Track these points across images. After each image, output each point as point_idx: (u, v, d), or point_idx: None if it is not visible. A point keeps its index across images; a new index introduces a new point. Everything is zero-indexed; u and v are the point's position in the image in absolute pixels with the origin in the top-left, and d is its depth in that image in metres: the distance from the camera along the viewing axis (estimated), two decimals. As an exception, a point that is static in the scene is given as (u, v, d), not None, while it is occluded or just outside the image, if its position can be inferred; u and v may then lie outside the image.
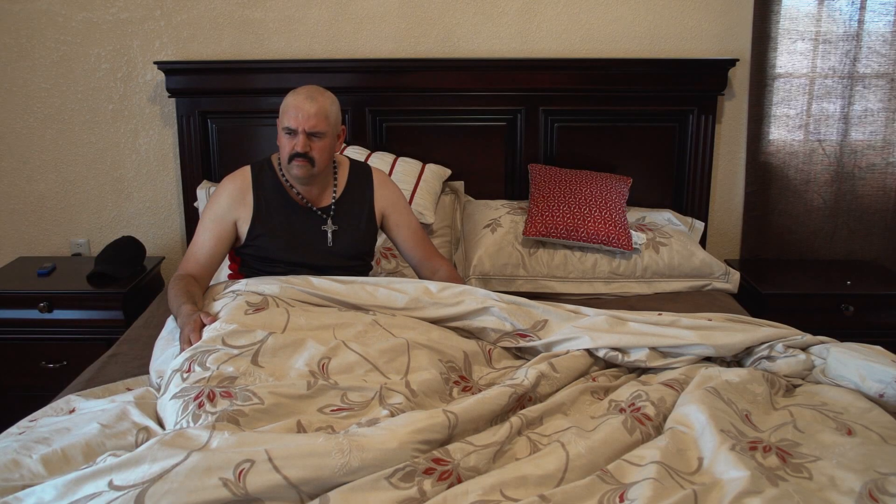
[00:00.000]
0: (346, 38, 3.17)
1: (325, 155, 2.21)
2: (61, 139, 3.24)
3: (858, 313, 2.87)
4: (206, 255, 2.27)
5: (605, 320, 2.10)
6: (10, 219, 3.32)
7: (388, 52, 3.18)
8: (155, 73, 3.15)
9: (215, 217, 2.28)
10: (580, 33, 3.18)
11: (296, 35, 3.16)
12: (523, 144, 3.18)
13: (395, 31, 3.16)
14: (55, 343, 2.85)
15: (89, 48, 3.15)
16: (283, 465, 1.41)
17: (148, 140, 3.25)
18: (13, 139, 3.23)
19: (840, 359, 1.92)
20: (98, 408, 1.80)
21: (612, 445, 1.60)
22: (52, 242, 3.34)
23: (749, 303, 2.86)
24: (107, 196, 3.30)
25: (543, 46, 3.19)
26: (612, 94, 3.15)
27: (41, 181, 3.28)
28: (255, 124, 3.15)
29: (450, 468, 1.48)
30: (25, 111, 3.21)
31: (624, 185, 2.98)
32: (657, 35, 3.18)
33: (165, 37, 3.15)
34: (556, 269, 2.78)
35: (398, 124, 3.17)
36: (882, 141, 3.19)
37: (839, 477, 1.48)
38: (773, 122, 3.19)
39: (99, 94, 3.20)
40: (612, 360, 2.03)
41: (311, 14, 3.14)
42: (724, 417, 1.66)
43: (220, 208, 2.28)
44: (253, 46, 3.17)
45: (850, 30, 3.08)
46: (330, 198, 2.35)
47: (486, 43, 3.18)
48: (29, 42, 3.14)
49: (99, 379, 2.09)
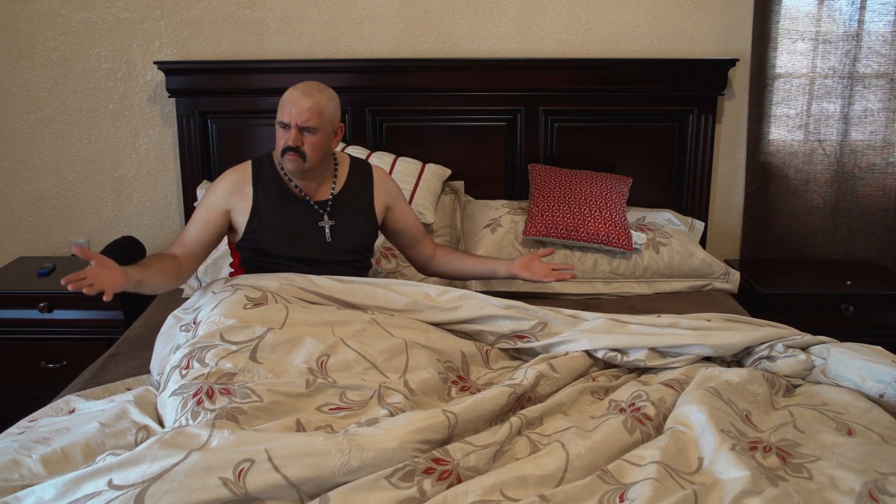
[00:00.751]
0: (346, 38, 3.17)
1: (317, 151, 2.21)
2: (61, 139, 3.24)
3: (858, 313, 2.87)
4: (191, 238, 2.26)
5: (604, 323, 2.10)
6: (10, 219, 3.32)
7: (388, 52, 3.18)
8: (155, 73, 3.15)
9: (208, 204, 2.29)
10: (580, 33, 3.18)
11: (296, 35, 3.16)
12: (523, 144, 3.18)
13: (395, 31, 3.16)
14: (55, 343, 2.85)
15: (89, 48, 3.15)
16: (282, 464, 1.41)
17: (148, 140, 3.25)
18: (13, 139, 3.23)
19: (840, 359, 1.92)
20: (98, 408, 1.80)
21: (613, 445, 1.60)
22: (52, 242, 3.34)
23: (749, 303, 2.85)
24: (107, 196, 3.30)
25: (543, 46, 3.19)
26: (612, 93, 3.15)
27: (41, 181, 3.28)
28: (255, 124, 3.15)
29: (450, 468, 1.48)
30: (25, 111, 3.21)
31: (624, 185, 2.98)
32: (657, 35, 3.18)
33: (165, 37, 3.15)
34: (556, 269, 2.78)
35: (398, 124, 3.17)
36: (882, 141, 3.19)
37: (839, 477, 1.48)
38: (773, 122, 3.19)
39: (99, 94, 3.20)
40: (612, 360, 2.03)
41: (311, 14, 3.14)
42: (724, 417, 1.66)
43: (215, 196, 2.29)
44: (253, 46, 3.17)
45: (850, 30, 3.08)
46: (328, 193, 2.35)
47: (486, 43, 3.18)
48: (29, 42, 3.14)
49: (99, 379, 2.09)
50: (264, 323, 1.95)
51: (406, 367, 1.91)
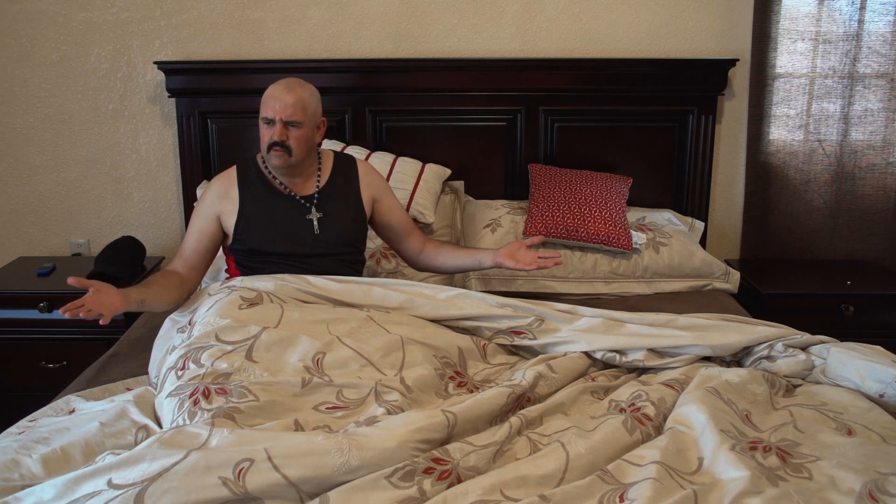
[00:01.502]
0: (345, 38, 3.17)
1: (302, 145, 2.24)
2: (61, 139, 3.24)
3: (858, 313, 2.87)
4: (189, 251, 2.30)
5: (602, 323, 2.10)
6: (10, 219, 3.32)
7: (388, 53, 3.18)
8: (155, 73, 3.15)
9: (199, 213, 2.33)
10: (580, 33, 3.17)
11: (295, 35, 3.16)
12: (523, 144, 3.17)
13: (394, 31, 3.16)
14: (55, 343, 2.85)
15: (89, 48, 3.15)
16: (282, 463, 1.41)
17: (148, 140, 3.25)
18: (13, 139, 3.23)
19: (840, 359, 1.92)
20: (98, 408, 1.80)
21: (613, 445, 1.60)
22: (52, 242, 3.34)
23: (749, 303, 2.85)
24: (107, 196, 3.30)
25: (543, 46, 3.19)
26: (613, 94, 3.15)
27: (41, 181, 3.28)
28: (255, 124, 3.10)
29: (449, 468, 1.48)
30: (26, 111, 3.21)
31: (624, 185, 2.98)
32: (657, 35, 3.18)
33: (165, 37, 3.15)
34: (556, 269, 2.78)
35: (398, 124, 3.17)
36: (882, 141, 3.18)
37: (839, 477, 1.48)
38: (773, 122, 3.19)
39: (99, 94, 3.20)
40: (610, 361, 2.03)
41: (310, 14, 3.14)
42: (724, 417, 1.66)
43: (205, 205, 2.33)
44: (253, 46, 3.17)
45: (850, 30, 3.08)
46: (314, 187, 2.37)
47: (486, 43, 3.18)
48: (29, 42, 3.14)
49: (99, 379, 2.09)
50: (259, 322, 1.95)
51: (402, 364, 1.91)
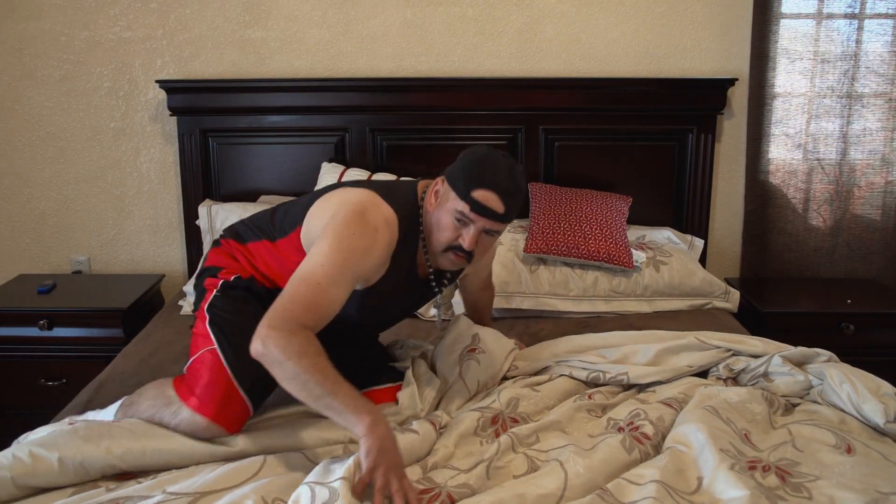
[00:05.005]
0: (347, 57, 3.19)
1: (484, 254, 1.84)
2: (63, 157, 3.25)
3: (858, 332, 2.86)
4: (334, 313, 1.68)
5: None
6: (10, 236, 3.32)
7: (389, 72, 3.20)
8: (156, 92, 3.17)
9: (359, 271, 1.72)
10: (580, 52, 3.19)
11: (297, 54, 3.18)
12: (524, 163, 3.18)
13: (396, 50, 3.18)
14: (55, 361, 2.84)
15: (91, 67, 3.17)
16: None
17: (149, 158, 3.26)
18: (15, 157, 3.25)
19: (836, 390, 1.90)
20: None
21: (612, 464, 1.60)
22: (53, 260, 3.35)
23: (749, 322, 2.85)
24: (108, 214, 3.31)
25: (543, 66, 3.20)
26: (612, 112, 3.16)
27: (42, 199, 3.29)
28: (257, 143, 3.16)
29: (437, 491, 1.50)
30: (27, 129, 3.22)
31: (624, 203, 2.98)
32: (656, 54, 3.19)
33: (167, 55, 3.17)
34: (556, 287, 2.78)
35: (399, 143, 3.18)
36: (881, 160, 3.19)
37: (839, 497, 1.47)
38: (772, 141, 3.20)
39: (101, 113, 3.21)
40: (595, 380, 2.06)
41: (312, 33, 3.16)
42: (723, 436, 1.66)
43: (370, 262, 1.73)
44: (254, 65, 3.18)
45: (848, 49, 3.10)
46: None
47: (487, 62, 3.20)
48: (32, 61, 3.16)
49: (97, 400, 2.07)
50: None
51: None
